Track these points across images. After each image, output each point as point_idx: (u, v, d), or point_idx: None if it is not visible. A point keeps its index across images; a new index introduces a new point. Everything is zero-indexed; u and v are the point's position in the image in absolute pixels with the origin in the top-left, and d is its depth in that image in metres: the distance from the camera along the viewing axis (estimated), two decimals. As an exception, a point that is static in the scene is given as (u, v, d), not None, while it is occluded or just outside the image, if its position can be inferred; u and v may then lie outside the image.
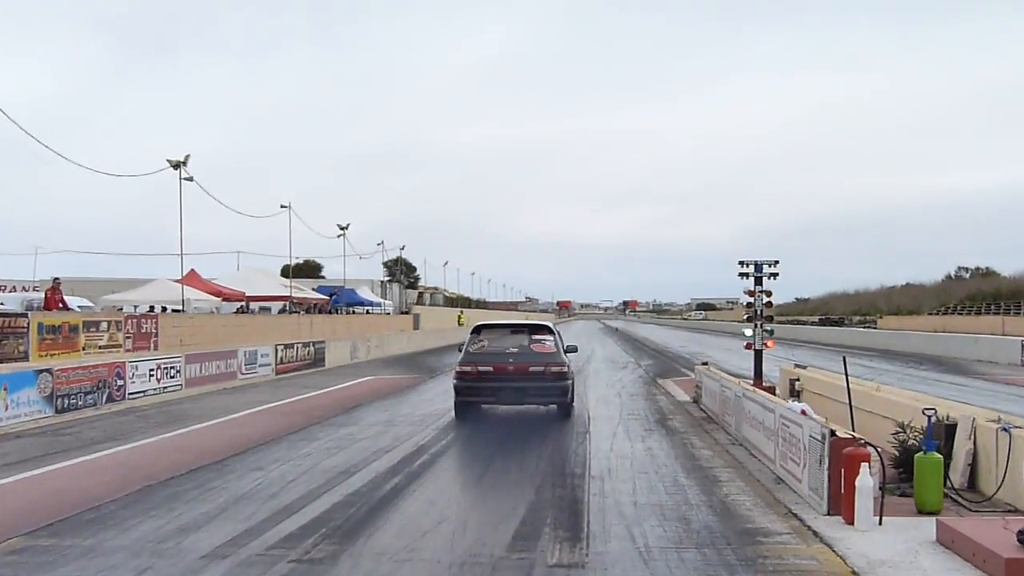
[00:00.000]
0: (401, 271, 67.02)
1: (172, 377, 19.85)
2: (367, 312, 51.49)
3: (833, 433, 8.00)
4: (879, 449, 8.05)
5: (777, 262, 17.61)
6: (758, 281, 17.75)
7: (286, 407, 17.94)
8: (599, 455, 11.66)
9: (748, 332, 17.88)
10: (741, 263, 17.64)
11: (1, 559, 6.86)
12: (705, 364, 18.96)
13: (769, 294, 17.78)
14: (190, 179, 27.12)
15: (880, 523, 7.49)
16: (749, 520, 8.03)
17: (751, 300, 17.83)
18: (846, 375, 10.93)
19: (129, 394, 18.02)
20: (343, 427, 14.57)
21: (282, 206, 36.35)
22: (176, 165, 26.80)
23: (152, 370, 19.07)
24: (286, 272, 45.76)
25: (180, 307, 28.45)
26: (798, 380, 15.97)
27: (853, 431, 9.09)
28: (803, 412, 9.38)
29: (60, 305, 21.71)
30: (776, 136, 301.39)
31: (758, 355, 17.95)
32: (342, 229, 44.19)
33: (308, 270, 65.50)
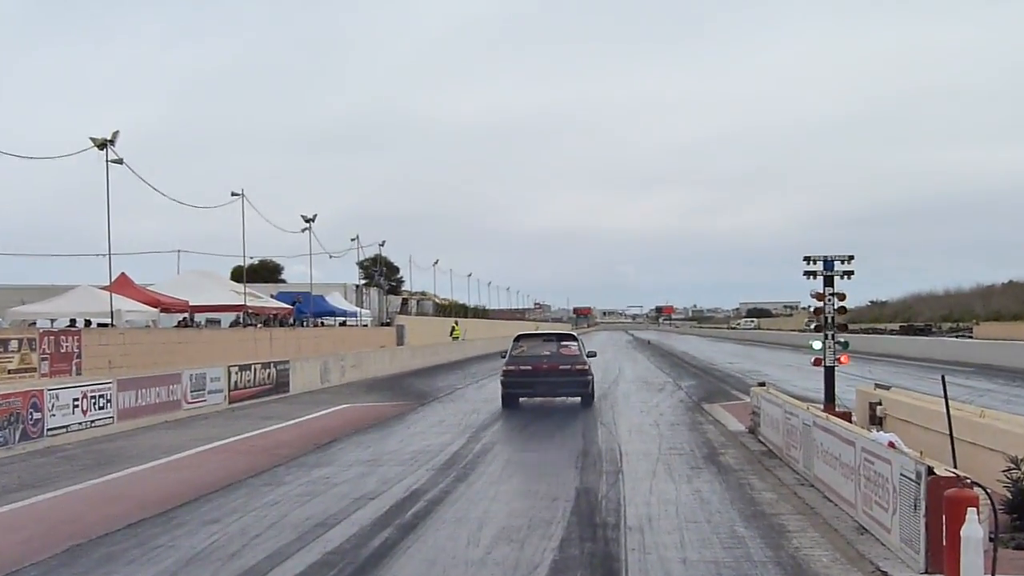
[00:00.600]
0: (380, 273, 67.15)
1: (101, 408, 19.89)
2: (341, 324, 51.58)
3: (931, 471, 7.99)
4: (988, 490, 8.04)
5: (851, 257, 17.70)
6: (828, 281, 17.81)
7: (244, 444, 18.03)
8: (636, 500, 11.72)
9: (817, 345, 17.91)
10: (807, 259, 17.71)
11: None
12: (762, 385, 19.02)
13: (842, 297, 17.86)
14: (119, 162, 27.22)
15: (992, 583, 7.46)
16: (827, 580, 8.04)
17: (819, 305, 17.86)
18: (945, 398, 10.90)
19: (48, 430, 18.05)
20: (316, 468, 14.64)
21: (233, 194, 36.45)
22: (102, 145, 26.90)
23: (76, 400, 19.10)
24: (238, 275, 45.88)
25: (109, 320, 28.52)
26: (879, 404, 15.98)
27: (955, 467, 9.07)
28: (891, 444, 9.37)
29: (-39, 320, 21.76)
30: (846, 102, 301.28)
31: (829, 373, 17.97)
32: (307, 221, 44.26)
33: (265, 272, 65.61)
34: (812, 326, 18.28)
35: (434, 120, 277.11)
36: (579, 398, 23.84)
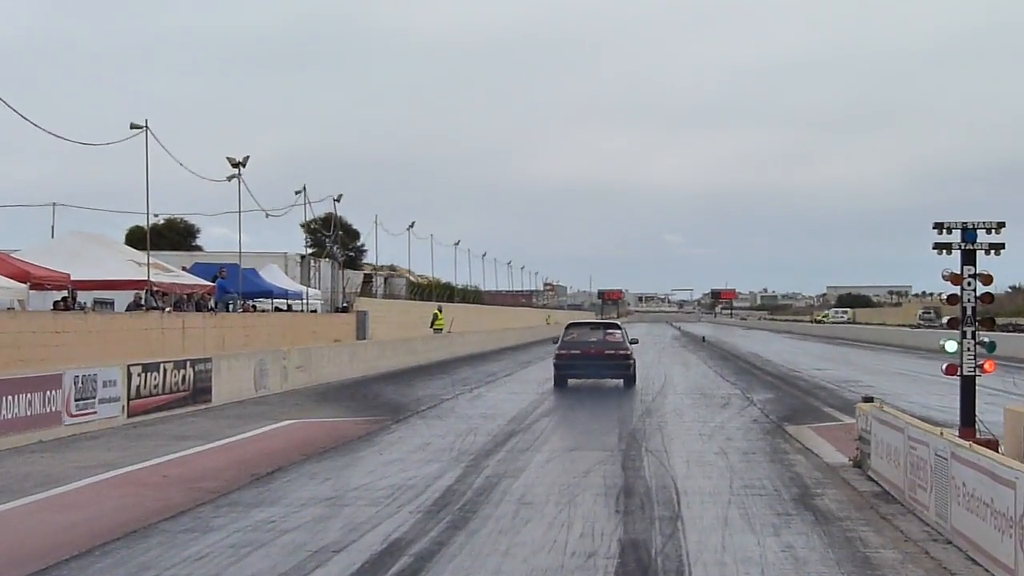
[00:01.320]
0: (335, 240, 67.13)
1: (-48, 421, 19.83)
2: (285, 308, 51.74)
3: None
4: None
5: (1001, 225, 17.69)
6: (968, 258, 17.72)
7: (154, 473, 17.98)
8: (705, 558, 11.72)
9: (951, 346, 17.83)
10: (939, 227, 17.65)
11: None
12: (870, 400, 19.00)
13: (987, 280, 17.80)
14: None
15: None
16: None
17: (955, 291, 17.78)
18: None
19: None
20: (256, 508, 14.64)
21: (133, 127, 36.30)
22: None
23: (-82, 409, 19.03)
24: (139, 239, 45.83)
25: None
26: (1039, 428, 15.91)
27: None
28: (1069, 487, 9.27)
29: None
30: (986, 11, 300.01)
31: (967, 385, 17.91)
32: (235, 166, 44.10)
33: (176, 236, 65.72)
34: (944, 320, 18.20)
35: (405, 31, 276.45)
36: (622, 380, 35.51)
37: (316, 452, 20.42)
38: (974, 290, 17.81)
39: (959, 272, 17.78)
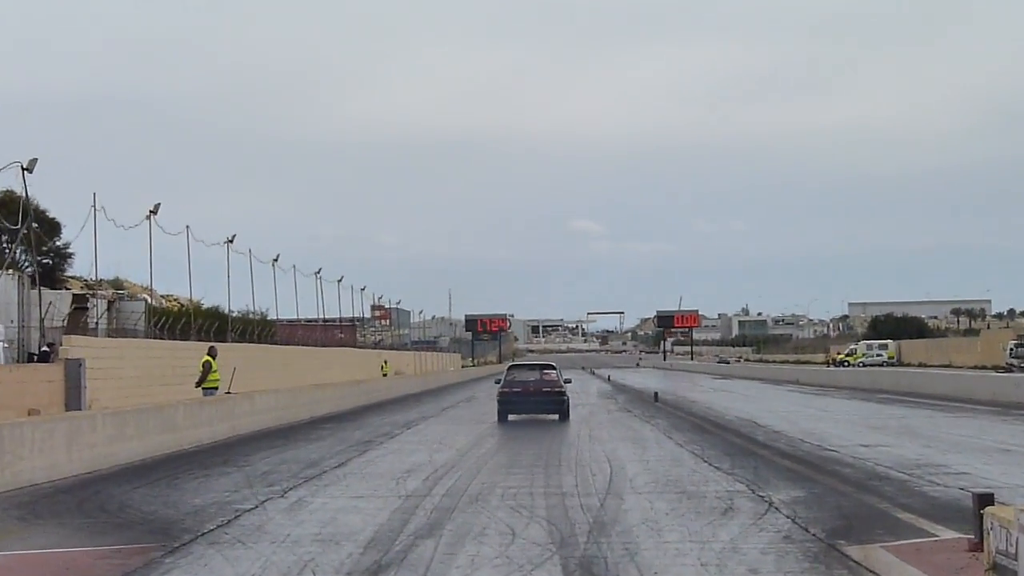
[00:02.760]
0: (22, 237, 66.72)
1: None
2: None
3: None
4: None
5: None
6: None
7: None
8: None
9: None
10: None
11: None
12: (990, 500, 19.26)
13: None
14: None
15: None
16: None
17: None
18: None
19: None
20: None
21: None
22: None
23: None
24: None
25: None
26: None
27: None
28: None
29: None
30: None
31: None
32: None
33: None
34: None
35: None
36: (556, 415, 69.07)
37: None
38: None
39: None
